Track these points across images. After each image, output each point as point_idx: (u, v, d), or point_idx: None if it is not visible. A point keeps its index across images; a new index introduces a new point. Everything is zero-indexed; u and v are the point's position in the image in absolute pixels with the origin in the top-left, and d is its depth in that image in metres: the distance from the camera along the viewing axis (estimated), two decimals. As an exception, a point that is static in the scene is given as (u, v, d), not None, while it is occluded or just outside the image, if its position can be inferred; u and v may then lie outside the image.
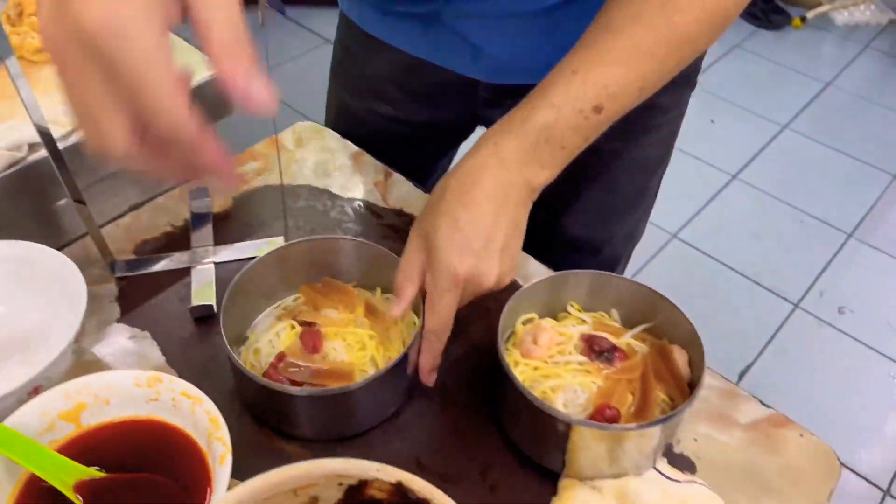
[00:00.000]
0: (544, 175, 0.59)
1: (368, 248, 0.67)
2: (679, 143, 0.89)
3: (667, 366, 0.61)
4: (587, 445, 0.56)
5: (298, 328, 0.64)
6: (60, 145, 0.62)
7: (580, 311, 0.67)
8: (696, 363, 0.60)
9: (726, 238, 2.14)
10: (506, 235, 0.57)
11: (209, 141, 0.35)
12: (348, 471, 0.47)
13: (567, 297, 0.67)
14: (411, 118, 0.92)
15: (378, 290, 0.69)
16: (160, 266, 0.73)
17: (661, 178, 0.91)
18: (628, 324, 0.66)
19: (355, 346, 0.63)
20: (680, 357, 0.61)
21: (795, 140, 2.51)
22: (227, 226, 0.79)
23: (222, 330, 0.59)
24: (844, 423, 1.69)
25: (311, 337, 0.62)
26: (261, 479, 0.46)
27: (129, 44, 0.30)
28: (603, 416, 0.57)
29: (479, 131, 0.68)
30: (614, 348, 0.62)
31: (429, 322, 0.59)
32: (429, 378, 0.62)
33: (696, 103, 0.84)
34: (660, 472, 0.60)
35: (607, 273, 0.65)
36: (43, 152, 0.68)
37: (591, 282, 0.66)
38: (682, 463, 0.62)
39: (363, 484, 0.48)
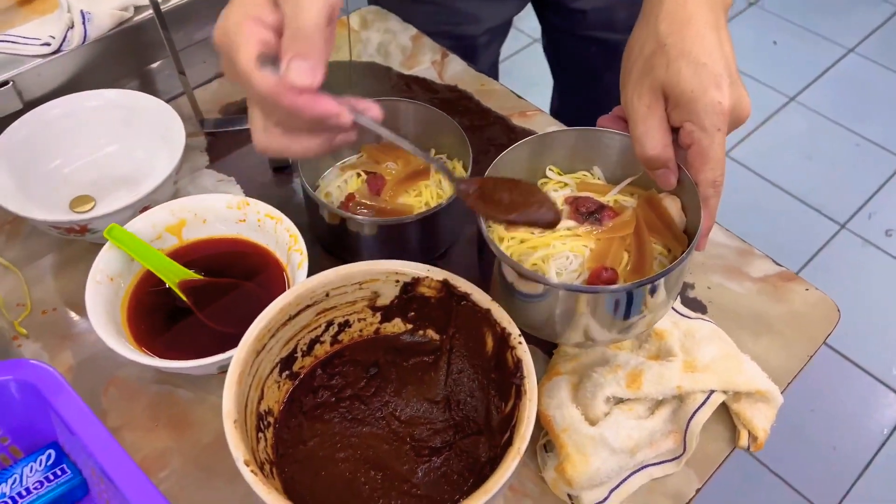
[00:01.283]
0: None
1: (425, 111, 0.75)
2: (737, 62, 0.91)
3: (659, 216, 0.58)
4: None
5: (364, 175, 0.73)
6: (163, 8, 0.71)
7: (560, 175, 0.64)
8: (691, 206, 0.56)
9: (777, 158, 2.14)
10: (734, 59, 0.53)
11: (312, 98, 0.46)
12: (403, 269, 0.57)
13: (545, 162, 0.63)
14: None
15: (432, 151, 0.77)
16: (243, 124, 0.83)
17: None
18: (612, 181, 0.62)
19: (412, 193, 0.73)
20: (672, 205, 0.58)
21: (860, 64, 2.45)
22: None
23: (300, 172, 0.68)
24: (881, 341, 1.73)
25: (375, 181, 0.72)
26: (332, 271, 0.57)
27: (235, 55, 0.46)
28: (600, 278, 0.55)
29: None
30: (602, 207, 0.59)
31: (709, 173, 0.52)
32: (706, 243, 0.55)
33: (758, 24, 0.86)
34: (672, 308, 0.67)
35: (584, 128, 0.61)
36: (145, 14, 0.77)
37: (568, 140, 0.62)
38: (695, 305, 0.70)
39: (415, 282, 0.57)
